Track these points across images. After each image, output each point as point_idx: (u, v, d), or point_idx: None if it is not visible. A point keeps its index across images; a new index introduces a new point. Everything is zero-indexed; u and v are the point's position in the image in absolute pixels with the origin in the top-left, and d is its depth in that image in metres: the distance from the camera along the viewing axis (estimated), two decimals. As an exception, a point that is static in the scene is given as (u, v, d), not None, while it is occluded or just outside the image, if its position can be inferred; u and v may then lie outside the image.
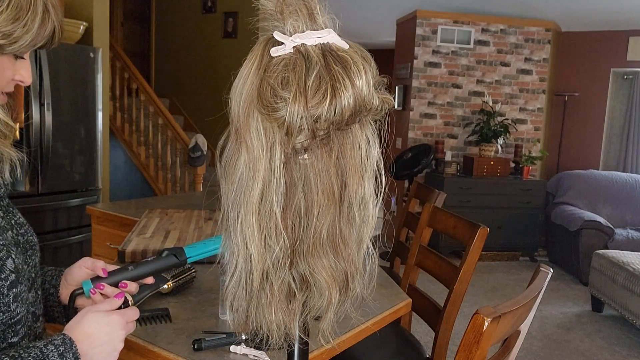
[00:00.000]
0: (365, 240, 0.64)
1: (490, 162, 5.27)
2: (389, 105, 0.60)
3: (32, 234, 0.95)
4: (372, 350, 1.78)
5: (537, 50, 5.64)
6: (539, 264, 1.17)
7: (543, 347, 3.41)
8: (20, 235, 0.90)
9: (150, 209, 2.36)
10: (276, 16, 0.58)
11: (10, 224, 0.89)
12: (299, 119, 0.55)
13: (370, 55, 0.59)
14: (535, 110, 5.74)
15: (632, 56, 5.70)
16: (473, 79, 5.59)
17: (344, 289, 0.64)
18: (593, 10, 5.09)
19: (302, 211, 0.60)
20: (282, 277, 0.61)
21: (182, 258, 0.89)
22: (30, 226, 0.96)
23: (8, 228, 0.87)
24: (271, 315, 0.62)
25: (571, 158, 6.01)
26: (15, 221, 0.91)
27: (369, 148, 0.62)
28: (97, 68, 3.76)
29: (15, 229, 0.90)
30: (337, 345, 1.26)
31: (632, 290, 3.53)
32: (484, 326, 0.86)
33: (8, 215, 0.90)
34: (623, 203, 5.24)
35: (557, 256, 5.22)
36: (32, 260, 0.91)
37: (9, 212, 0.91)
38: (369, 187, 0.62)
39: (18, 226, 0.91)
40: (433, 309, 1.92)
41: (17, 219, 0.92)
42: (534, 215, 5.30)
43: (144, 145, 5.29)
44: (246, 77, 0.58)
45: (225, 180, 0.61)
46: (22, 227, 0.92)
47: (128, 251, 1.73)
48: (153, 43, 6.67)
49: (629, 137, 5.77)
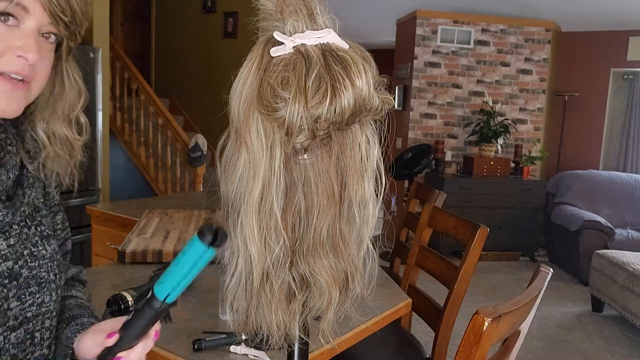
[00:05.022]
0: (365, 240, 0.64)
1: (490, 162, 5.27)
2: (389, 105, 0.60)
3: (49, 271, 0.82)
4: (372, 350, 1.78)
5: (537, 50, 5.64)
6: (539, 264, 1.17)
7: (543, 347, 3.41)
8: (27, 267, 0.78)
9: (150, 209, 2.36)
10: (276, 16, 0.58)
11: (18, 254, 0.77)
12: (299, 119, 0.55)
13: (370, 55, 0.59)
14: (535, 110, 5.73)
15: (632, 56, 5.70)
16: (473, 79, 5.59)
17: (344, 289, 0.64)
18: (593, 10, 5.09)
19: (302, 211, 0.60)
20: (282, 277, 0.61)
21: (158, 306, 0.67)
22: (56, 262, 0.84)
23: (10, 258, 0.76)
24: (271, 315, 0.62)
25: (571, 158, 6.01)
26: (31, 252, 0.79)
27: (369, 148, 0.62)
28: (97, 68, 3.76)
29: (23, 260, 0.78)
30: (337, 345, 1.26)
31: (632, 290, 3.53)
32: (484, 326, 0.86)
33: (22, 243, 0.78)
34: (623, 203, 5.24)
35: (557, 256, 5.22)
36: (33, 298, 0.79)
37: (31, 241, 0.80)
38: (369, 187, 0.62)
39: (31, 258, 0.79)
40: (433, 309, 1.92)
41: (38, 250, 0.81)
42: (534, 215, 5.30)
43: (144, 146, 5.29)
44: (246, 77, 0.58)
45: (225, 180, 0.61)
46: (37, 260, 0.80)
47: (128, 251, 1.73)
48: (153, 43, 6.67)
49: (629, 137, 5.77)
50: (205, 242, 0.60)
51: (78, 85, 0.87)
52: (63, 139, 0.85)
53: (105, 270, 1.71)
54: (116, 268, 1.71)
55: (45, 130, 0.83)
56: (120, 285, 1.53)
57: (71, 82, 0.86)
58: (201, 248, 0.61)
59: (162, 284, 0.66)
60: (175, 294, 0.66)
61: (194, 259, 0.62)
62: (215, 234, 0.61)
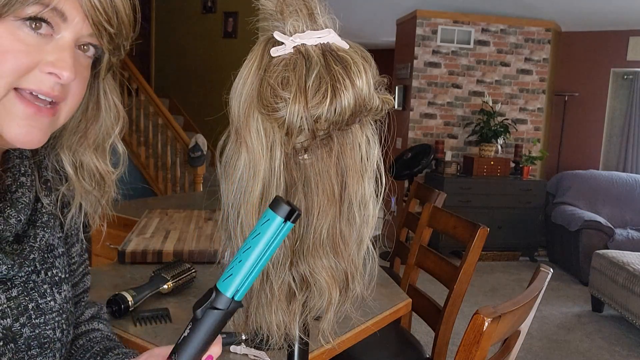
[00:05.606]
0: (365, 241, 0.64)
1: (490, 162, 5.27)
2: (389, 106, 0.60)
3: (56, 328, 0.69)
4: (372, 350, 1.78)
5: (537, 50, 5.64)
6: (539, 264, 1.17)
7: (543, 347, 3.41)
8: (28, 326, 0.66)
9: (150, 209, 2.36)
10: (276, 16, 0.58)
11: (21, 309, 0.65)
12: (299, 119, 0.55)
13: (370, 55, 0.59)
14: (535, 110, 5.74)
15: (632, 56, 5.70)
16: (473, 79, 5.59)
17: (344, 289, 0.64)
18: (593, 10, 5.09)
19: (302, 211, 0.60)
20: (282, 277, 0.61)
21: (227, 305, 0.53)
22: (65, 315, 0.72)
23: (9, 315, 0.64)
24: (271, 315, 0.62)
25: (571, 158, 6.01)
26: (37, 305, 0.67)
27: (369, 148, 0.62)
28: (97, 68, 3.75)
29: (26, 316, 0.66)
30: (337, 345, 1.26)
31: (632, 290, 3.53)
32: (484, 326, 0.86)
33: (28, 294, 0.66)
34: (623, 203, 5.24)
35: (557, 256, 5.22)
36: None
37: (38, 290, 0.68)
38: (369, 187, 0.62)
39: (37, 313, 0.67)
40: (433, 309, 1.92)
41: (45, 302, 0.68)
42: (534, 215, 5.30)
43: (144, 145, 5.29)
44: (246, 77, 0.58)
45: (225, 180, 0.61)
46: (43, 315, 0.68)
47: (128, 251, 1.73)
48: (153, 43, 6.67)
49: (629, 137, 5.77)
50: (281, 215, 0.50)
51: (116, 108, 0.72)
52: (93, 172, 0.71)
53: (105, 270, 1.71)
54: (116, 268, 1.71)
55: (72, 161, 0.70)
56: (120, 285, 1.52)
57: (109, 104, 0.72)
58: (278, 222, 0.50)
59: (228, 278, 0.52)
60: (245, 288, 0.52)
61: (268, 238, 0.50)
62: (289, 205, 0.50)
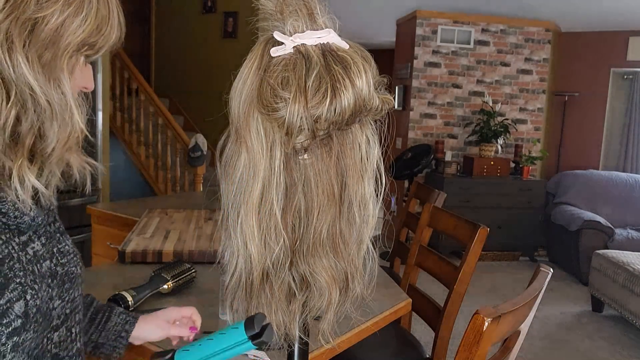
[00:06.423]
0: (365, 241, 0.64)
1: (490, 162, 5.26)
2: (389, 106, 0.60)
3: (77, 264, 0.84)
4: (372, 350, 1.78)
5: (537, 50, 5.64)
6: (539, 264, 1.17)
7: (543, 347, 3.41)
8: (60, 265, 0.80)
9: (150, 209, 2.36)
10: (276, 16, 0.58)
11: (51, 252, 0.79)
12: (299, 119, 0.55)
13: (370, 55, 0.59)
14: (535, 110, 5.73)
15: (632, 56, 5.70)
16: (473, 79, 5.58)
17: (344, 289, 0.64)
18: (593, 11, 5.09)
19: (302, 211, 0.60)
20: (282, 277, 0.61)
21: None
22: (78, 254, 0.86)
23: (47, 257, 0.77)
24: (271, 315, 0.62)
25: (571, 158, 6.01)
26: (59, 249, 0.81)
27: (369, 148, 0.62)
28: (97, 68, 3.75)
29: (56, 257, 0.80)
30: (337, 345, 1.26)
31: (632, 290, 3.53)
32: (484, 326, 0.86)
33: (52, 241, 0.80)
34: (623, 203, 5.24)
35: (557, 256, 5.22)
36: (69, 295, 0.82)
37: (55, 238, 0.81)
38: (369, 187, 0.62)
39: (60, 255, 0.81)
40: (433, 309, 1.92)
41: (62, 246, 0.82)
42: (534, 215, 5.30)
43: (144, 145, 5.29)
44: (246, 77, 0.58)
45: (225, 180, 0.61)
46: (66, 256, 0.82)
47: (128, 251, 1.73)
48: (153, 43, 6.67)
49: (629, 137, 5.77)
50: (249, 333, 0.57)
51: None
52: None
53: (105, 270, 1.71)
54: (116, 268, 1.71)
55: None
56: (120, 285, 1.52)
57: None
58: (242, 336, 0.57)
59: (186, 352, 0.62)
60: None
61: (229, 343, 0.59)
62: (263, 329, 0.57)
